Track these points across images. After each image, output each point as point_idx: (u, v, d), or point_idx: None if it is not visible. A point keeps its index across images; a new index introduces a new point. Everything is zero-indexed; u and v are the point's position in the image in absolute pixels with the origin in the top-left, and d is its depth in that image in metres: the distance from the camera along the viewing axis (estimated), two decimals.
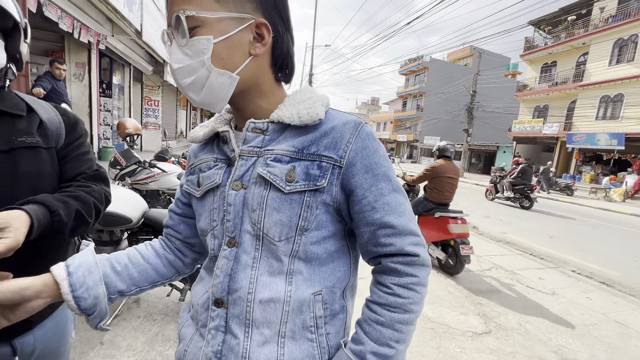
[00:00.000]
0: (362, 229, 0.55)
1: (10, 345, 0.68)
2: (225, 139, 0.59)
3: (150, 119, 10.86)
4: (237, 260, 0.54)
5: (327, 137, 0.53)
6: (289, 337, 0.53)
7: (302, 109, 0.54)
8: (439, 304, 2.80)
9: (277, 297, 0.53)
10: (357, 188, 0.53)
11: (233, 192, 0.55)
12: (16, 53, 0.70)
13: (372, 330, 0.52)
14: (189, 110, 17.65)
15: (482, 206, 8.92)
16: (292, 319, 0.53)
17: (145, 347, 1.88)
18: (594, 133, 16.91)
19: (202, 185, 0.60)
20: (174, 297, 2.41)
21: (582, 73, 18.17)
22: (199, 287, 0.62)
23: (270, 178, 0.53)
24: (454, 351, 2.15)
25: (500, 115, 26.70)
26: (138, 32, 6.50)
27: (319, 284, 0.55)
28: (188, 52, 0.51)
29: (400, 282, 0.52)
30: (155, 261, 0.67)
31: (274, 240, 0.53)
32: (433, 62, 34.39)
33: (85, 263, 0.56)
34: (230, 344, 0.53)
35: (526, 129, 21.27)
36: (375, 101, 70.20)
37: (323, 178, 0.52)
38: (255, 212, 0.53)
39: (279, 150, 0.54)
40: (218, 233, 0.57)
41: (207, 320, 0.57)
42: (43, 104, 0.80)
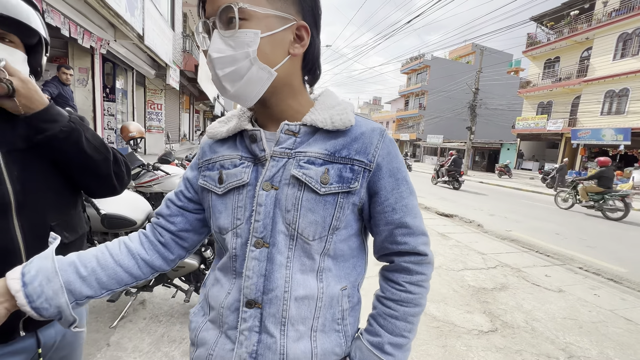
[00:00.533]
0: (381, 227, 0.60)
1: (36, 336, 0.71)
2: (255, 137, 0.58)
3: (154, 123, 10.94)
4: (272, 261, 0.55)
5: (357, 142, 0.57)
6: (320, 331, 0.57)
7: (334, 115, 0.57)
8: (444, 303, 2.78)
9: (312, 294, 0.56)
10: (382, 190, 0.58)
11: (264, 193, 0.56)
12: (38, 66, 0.75)
13: (388, 324, 0.59)
14: (191, 113, 17.75)
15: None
16: (324, 313, 0.57)
17: (152, 348, 1.90)
18: (599, 128, 16.74)
19: (225, 182, 0.59)
20: (179, 299, 2.42)
21: (586, 68, 18.00)
22: (216, 289, 0.61)
23: (306, 180, 0.55)
24: (460, 350, 2.14)
25: (503, 113, 26.54)
26: (140, 36, 6.55)
27: (345, 279, 0.60)
28: (231, 43, 0.51)
29: (411, 280, 0.59)
30: (128, 263, 0.61)
31: (308, 239, 0.55)
32: (435, 60, 34.28)
33: (43, 271, 0.52)
34: (267, 342, 0.55)
35: (530, 126, 21.11)
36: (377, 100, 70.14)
37: (356, 181, 0.56)
38: (290, 213, 0.55)
39: (312, 152, 0.56)
40: (242, 232, 0.57)
41: (236, 322, 0.56)
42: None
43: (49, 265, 0.53)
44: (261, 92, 0.55)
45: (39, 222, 0.71)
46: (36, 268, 0.52)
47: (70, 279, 0.54)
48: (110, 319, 2.13)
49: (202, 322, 0.63)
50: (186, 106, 15.64)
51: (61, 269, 0.54)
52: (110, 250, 0.61)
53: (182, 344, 1.95)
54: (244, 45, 0.51)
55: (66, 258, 0.57)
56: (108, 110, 7.66)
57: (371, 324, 0.61)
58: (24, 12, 0.68)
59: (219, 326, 0.59)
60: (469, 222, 6.31)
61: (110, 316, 2.16)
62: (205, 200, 0.63)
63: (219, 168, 0.61)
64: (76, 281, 0.55)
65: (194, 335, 0.63)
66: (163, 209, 0.68)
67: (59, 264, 0.54)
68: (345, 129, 0.57)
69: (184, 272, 2.12)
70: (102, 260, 0.59)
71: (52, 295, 0.51)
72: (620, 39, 16.26)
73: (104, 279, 0.58)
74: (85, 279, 0.56)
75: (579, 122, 18.27)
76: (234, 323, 0.57)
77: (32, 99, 0.65)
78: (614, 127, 16.12)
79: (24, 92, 0.63)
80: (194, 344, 0.63)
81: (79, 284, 0.55)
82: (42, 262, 0.53)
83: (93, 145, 0.74)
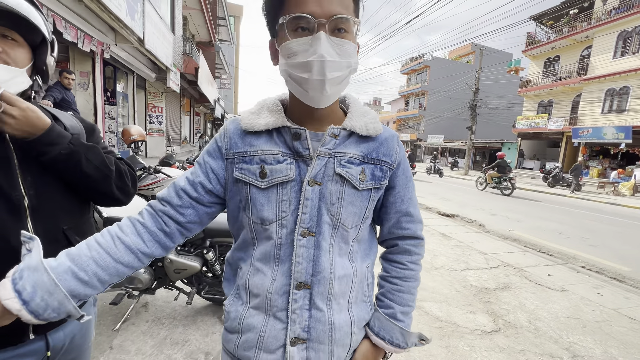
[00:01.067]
0: (391, 215, 0.73)
1: (45, 339, 0.71)
2: (299, 135, 0.63)
3: (155, 126, 10.98)
4: (318, 247, 0.63)
5: (383, 146, 0.69)
6: (354, 302, 0.69)
7: (368, 122, 0.67)
8: (446, 303, 2.77)
9: (349, 273, 0.67)
10: (397, 185, 0.71)
11: (310, 188, 0.62)
12: (42, 65, 0.75)
13: (397, 298, 0.72)
14: (192, 115, 17.79)
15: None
16: (356, 288, 0.69)
17: (154, 350, 1.90)
18: (600, 127, 16.70)
19: (268, 177, 0.62)
20: (182, 301, 2.42)
21: (587, 67, 17.98)
22: (258, 278, 0.64)
23: (349, 177, 0.64)
24: (463, 350, 2.13)
25: (503, 112, 26.51)
26: (140, 40, 6.58)
27: (367, 258, 0.72)
28: (338, 51, 0.57)
29: (411, 259, 0.74)
30: (128, 259, 0.61)
31: (347, 228, 0.65)
32: (434, 60, 34.29)
33: (41, 285, 0.51)
34: (317, 316, 0.63)
35: (531, 125, 21.07)
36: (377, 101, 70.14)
37: (385, 178, 0.68)
38: (335, 206, 0.64)
39: (350, 154, 0.65)
40: (287, 223, 0.63)
41: (286, 304, 0.63)
42: (63, 113, 0.85)
43: (45, 278, 0.51)
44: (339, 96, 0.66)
45: (51, 226, 0.72)
46: (31, 283, 0.51)
47: (72, 286, 0.54)
48: (113, 321, 2.13)
49: (244, 310, 0.66)
50: (187, 109, 15.69)
51: (60, 279, 0.53)
52: (107, 249, 0.59)
53: (184, 346, 1.95)
54: (347, 55, 0.58)
55: (59, 265, 0.54)
56: (109, 113, 7.68)
57: (382, 300, 0.73)
58: (25, 10, 0.67)
59: (265, 311, 0.64)
60: (470, 222, 6.30)
61: (113, 319, 2.16)
62: (241, 192, 0.64)
63: (260, 162, 0.63)
64: (79, 287, 0.55)
65: (238, 323, 0.65)
66: (173, 198, 0.65)
67: (55, 273, 0.53)
68: (376, 135, 0.68)
69: (186, 274, 2.12)
70: (101, 261, 0.58)
71: (58, 305, 0.52)
72: (620, 37, 16.24)
73: (106, 278, 0.58)
74: (88, 283, 0.56)
75: (580, 120, 18.24)
76: (283, 305, 0.63)
77: (33, 125, 0.66)
78: (615, 126, 16.07)
79: (24, 120, 0.64)
80: (237, 331, 0.66)
81: (82, 289, 0.55)
82: (36, 276, 0.51)
83: (93, 165, 0.76)
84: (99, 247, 0.59)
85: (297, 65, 0.57)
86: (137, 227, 0.63)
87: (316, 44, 0.55)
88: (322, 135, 0.65)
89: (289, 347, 0.62)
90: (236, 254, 0.71)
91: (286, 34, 0.57)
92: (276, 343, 0.63)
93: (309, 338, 0.63)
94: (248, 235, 0.67)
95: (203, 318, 2.27)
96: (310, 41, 0.56)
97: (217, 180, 0.66)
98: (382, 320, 0.70)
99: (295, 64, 0.58)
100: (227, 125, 0.69)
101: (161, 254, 0.66)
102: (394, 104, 42.50)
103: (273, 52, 0.64)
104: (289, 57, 0.58)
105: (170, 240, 0.66)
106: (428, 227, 5.55)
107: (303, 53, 0.56)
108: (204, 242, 2.18)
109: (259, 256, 0.65)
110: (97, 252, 0.58)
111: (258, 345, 0.63)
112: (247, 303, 0.66)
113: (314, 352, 0.63)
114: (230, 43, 22.17)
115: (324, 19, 0.55)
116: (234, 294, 0.69)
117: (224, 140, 0.66)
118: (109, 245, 0.59)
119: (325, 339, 0.64)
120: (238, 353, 0.65)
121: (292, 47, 0.57)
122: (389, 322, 0.70)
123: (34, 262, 0.52)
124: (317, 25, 0.55)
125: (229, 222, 0.73)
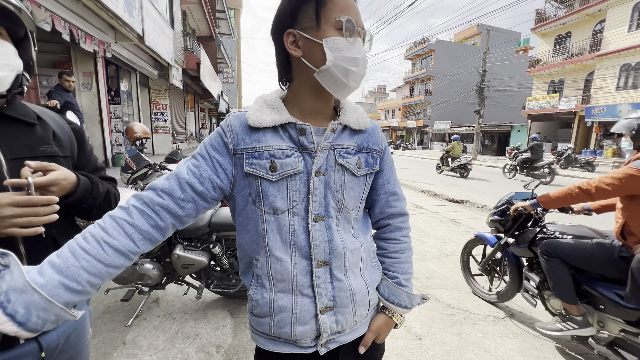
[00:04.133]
0: (381, 195, 0.83)
1: (37, 341, 0.70)
2: (304, 131, 0.69)
3: (160, 123, 11.03)
4: (330, 229, 0.72)
5: (372, 136, 0.79)
6: (365, 269, 0.79)
7: (359, 117, 0.77)
8: (457, 290, 2.73)
9: (358, 247, 0.76)
10: (384, 168, 0.82)
11: (316, 179, 0.70)
12: (29, 60, 0.74)
13: (399, 268, 0.83)
14: (196, 111, 17.83)
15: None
16: (366, 257, 0.79)
17: (167, 345, 1.92)
18: (615, 104, 16.12)
19: (279, 170, 0.68)
20: (191, 295, 2.44)
21: (600, 42, 17.26)
22: (279, 265, 0.70)
23: (349, 166, 0.73)
24: (476, 337, 2.10)
25: (512, 94, 25.82)
26: (140, 37, 6.55)
27: (367, 232, 0.83)
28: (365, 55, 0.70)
29: (403, 234, 0.86)
30: (119, 261, 0.60)
31: (349, 210, 0.75)
32: (439, 43, 33.42)
33: (34, 305, 0.50)
34: (339, 286, 0.73)
35: (541, 106, 20.49)
36: (382, 89, 69.09)
37: (376, 164, 0.79)
38: (339, 192, 0.72)
39: (347, 145, 0.74)
40: (299, 211, 0.69)
41: (310, 281, 0.71)
42: (50, 113, 0.84)
43: (36, 298, 0.50)
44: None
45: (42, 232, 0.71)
46: (23, 305, 0.49)
47: (66, 298, 0.53)
48: (125, 317, 2.16)
49: (270, 295, 0.71)
50: (191, 105, 15.71)
51: (52, 295, 0.51)
52: (96, 256, 0.57)
53: (196, 340, 1.97)
54: (366, 59, 0.71)
55: (49, 282, 0.52)
56: (114, 112, 7.73)
57: (387, 272, 0.84)
58: (12, 2, 0.66)
59: (291, 292, 0.71)
60: (480, 208, 6.19)
61: (125, 315, 2.20)
62: (251, 185, 0.69)
63: (269, 157, 0.67)
64: (73, 297, 0.54)
65: (269, 307, 0.71)
66: (175, 190, 0.65)
67: (46, 290, 0.51)
68: (365, 128, 0.78)
69: (194, 269, 2.13)
70: (92, 269, 0.56)
71: (56, 318, 0.53)
72: (636, 8, 15.48)
73: (98, 282, 0.58)
74: (81, 292, 0.56)
75: (593, 99, 17.62)
76: (308, 283, 0.70)
77: (65, 189, 0.71)
78: (631, 102, 15.48)
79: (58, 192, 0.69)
80: (268, 314, 0.71)
81: (76, 298, 0.55)
82: (26, 298, 0.50)
83: (98, 204, 0.81)
84: (86, 254, 0.56)
85: (347, 59, 0.66)
86: (125, 228, 0.61)
87: (359, 46, 0.68)
88: (323, 130, 0.72)
89: (320, 316, 0.71)
90: (247, 249, 0.74)
91: (336, 31, 0.66)
92: (308, 315, 0.71)
93: (335, 305, 0.72)
94: (258, 227, 0.70)
95: (213, 311, 2.29)
96: (355, 42, 0.67)
97: (225, 175, 0.68)
98: (391, 288, 0.82)
99: (344, 57, 0.66)
100: (232, 121, 0.69)
101: (150, 249, 0.66)
102: (398, 90, 41.78)
103: (293, 42, 0.68)
104: (336, 51, 0.66)
105: (162, 235, 0.65)
106: (437, 214, 5.47)
107: (350, 49, 0.66)
108: (210, 236, 2.18)
109: (275, 247, 0.70)
110: (87, 261, 0.56)
111: (293, 321, 0.70)
112: (272, 289, 0.71)
113: (341, 315, 0.73)
114: (231, 36, 21.98)
115: (361, 28, 0.70)
116: (255, 283, 0.73)
117: (231, 137, 0.68)
118: (97, 252, 0.57)
119: (348, 302, 0.73)
120: (274, 332, 0.72)
121: (340, 42, 0.66)
122: (397, 288, 0.81)
123: (19, 283, 0.50)
124: (359, 32, 0.69)
125: (234, 216, 0.75)
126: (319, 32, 0.65)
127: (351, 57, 0.66)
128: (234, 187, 0.70)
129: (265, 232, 0.70)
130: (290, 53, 0.69)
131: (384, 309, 0.83)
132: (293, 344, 0.72)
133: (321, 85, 0.69)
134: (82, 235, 0.59)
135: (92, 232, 0.59)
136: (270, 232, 0.69)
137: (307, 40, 0.66)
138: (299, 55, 0.68)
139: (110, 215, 0.62)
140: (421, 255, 3.49)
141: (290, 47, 0.68)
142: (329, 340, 0.73)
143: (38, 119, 0.77)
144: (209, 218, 2.18)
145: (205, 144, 0.70)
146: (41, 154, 0.72)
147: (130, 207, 0.63)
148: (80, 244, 0.57)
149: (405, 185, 8.74)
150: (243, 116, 0.70)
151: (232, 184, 0.70)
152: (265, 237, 0.70)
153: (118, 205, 0.64)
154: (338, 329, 0.73)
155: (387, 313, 0.82)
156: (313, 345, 0.73)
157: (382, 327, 0.81)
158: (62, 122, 0.84)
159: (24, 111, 0.75)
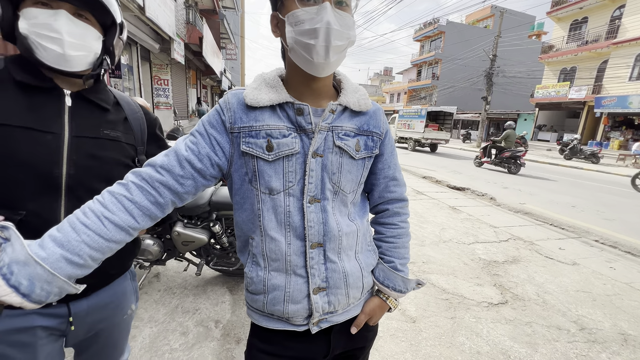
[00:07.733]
0: (381, 180, 0.82)
1: (67, 306, 0.76)
2: (302, 111, 0.68)
3: (162, 99, 10.86)
4: (325, 211, 0.71)
5: (373, 119, 0.77)
6: (360, 252, 0.79)
7: (360, 98, 0.74)
8: (453, 275, 2.77)
9: (353, 230, 0.76)
10: (385, 153, 0.80)
11: (313, 160, 0.68)
12: (110, 46, 0.79)
13: (395, 253, 0.83)
14: (199, 88, 17.53)
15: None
16: (361, 241, 0.79)
17: (167, 318, 1.97)
18: (626, 95, 15.75)
19: (275, 150, 0.66)
20: (191, 272, 2.49)
21: (617, 29, 16.63)
22: (274, 245, 0.69)
23: (347, 148, 0.72)
24: (469, 321, 2.14)
25: (521, 81, 25.16)
26: (141, 7, 6.33)
27: (364, 216, 0.83)
28: (342, 23, 0.62)
29: (401, 219, 0.85)
30: (120, 237, 0.60)
31: (346, 193, 0.74)
32: (450, 25, 32.23)
33: (38, 277, 0.52)
34: (332, 268, 0.73)
35: (550, 94, 20.05)
36: (388, 71, 67.42)
37: (376, 148, 0.77)
38: (335, 175, 0.71)
39: (346, 127, 0.72)
40: (294, 192, 0.69)
41: (304, 262, 0.70)
42: (129, 101, 0.90)
43: (39, 271, 0.52)
44: (338, 67, 0.70)
45: None
46: (26, 277, 0.51)
47: (68, 272, 0.55)
48: None
49: (265, 274, 0.72)
50: (193, 81, 15.42)
51: (55, 268, 0.53)
52: (96, 231, 0.57)
53: (195, 315, 2.02)
54: (349, 27, 0.64)
55: (50, 255, 0.53)
56: (115, 86, 7.59)
57: (383, 256, 0.84)
58: None
59: (285, 271, 0.71)
60: (481, 195, 6.19)
61: None
62: (248, 165, 0.68)
63: (266, 137, 0.66)
64: (75, 270, 0.56)
65: (263, 285, 0.72)
66: (175, 167, 0.65)
67: (48, 264, 0.52)
68: (366, 110, 0.75)
69: (194, 246, 2.15)
70: (93, 244, 0.57)
71: (59, 291, 0.55)
72: None
73: (100, 257, 0.59)
74: (84, 266, 0.57)
75: (604, 89, 17.19)
76: (302, 263, 0.70)
77: None
78: None
79: None
80: (263, 292, 0.72)
81: (79, 271, 0.57)
82: (29, 270, 0.51)
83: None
84: (87, 229, 0.57)
85: (304, 32, 0.61)
86: (124, 204, 0.61)
87: (322, 13, 0.60)
88: (321, 111, 0.70)
89: (312, 296, 0.71)
90: (244, 227, 0.74)
91: (295, 3, 0.61)
92: (301, 295, 0.71)
93: (328, 286, 0.73)
94: (254, 207, 0.70)
95: (213, 288, 2.34)
96: (317, 10, 0.60)
97: (222, 153, 0.68)
98: (386, 272, 0.81)
99: (302, 31, 0.61)
100: (229, 99, 0.69)
101: (150, 225, 0.66)
102: (405, 73, 40.79)
103: (275, 24, 0.68)
104: (296, 25, 0.62)
105: (162, 211, 0.65)
106: (437, 200, 5.48)
107: (310, 21, 0.61)
108: (210, 215, 2.19)
109: (270, 227, 0.69)
110: (88, 236, 0.56)
111: (285, 300, 0.71)
112: (266, 268, 0.71)
113: (333, 296, 0.73)
114: (234, 10, 21.25)
115: None
116: (251, 261, 0.74)
117: (228, 115, 0.67)
118: (97, 227, 0.58)
119: (341, 284, 0.74)
120: (267, 309, 0.73)
121: (299, 15, 0.61)
122: (392, 273, 0.81)
123: (21, 255, 0.51)
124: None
125: (231, 194, 0.75)
126: (283, 10, 0.64)
127: (309, 28, 0.61)
128: (231, 166, 0.70)
129: (260, 212, 0.69)
130: (275, 36, 0.70)
131: (379, 292, 0.83)
132: (286, 321, 0.73)
133: None
134: (82, 210, 0.59)
135: (91, 207, 0.59)
136: (266, 212, 0.69)
137: (280, 20, 0.66)
138: (278, 37, 0.69)
139: (109, 190, 0.62)
140: (419, 241, 3.52)
141: (274, 29, 0.69)
142: (321, 319, 0.74)
143: (116, 104, 0.84)
144: (210, 197, 2.18)
145: (203, 121, 0.69)
146: (104, 137, 0.78)
147: (129, 184, 0.62)
148: (80, 219, 0.58)
149: (407, 170, 8.71)
150: (241, 94, 0.68)
151: (230, 162, 0.69)
152: (260, 216, 0.69)
153: (116, 182, 0.63)
154: (330, 309, 0.74)
155: (382, 296, 0.82)
156: (305, 324, 0.73)
157: (376, 310, 0.81)
158: (137, 109, 0.90)
159: (105, 96, 0.82)
